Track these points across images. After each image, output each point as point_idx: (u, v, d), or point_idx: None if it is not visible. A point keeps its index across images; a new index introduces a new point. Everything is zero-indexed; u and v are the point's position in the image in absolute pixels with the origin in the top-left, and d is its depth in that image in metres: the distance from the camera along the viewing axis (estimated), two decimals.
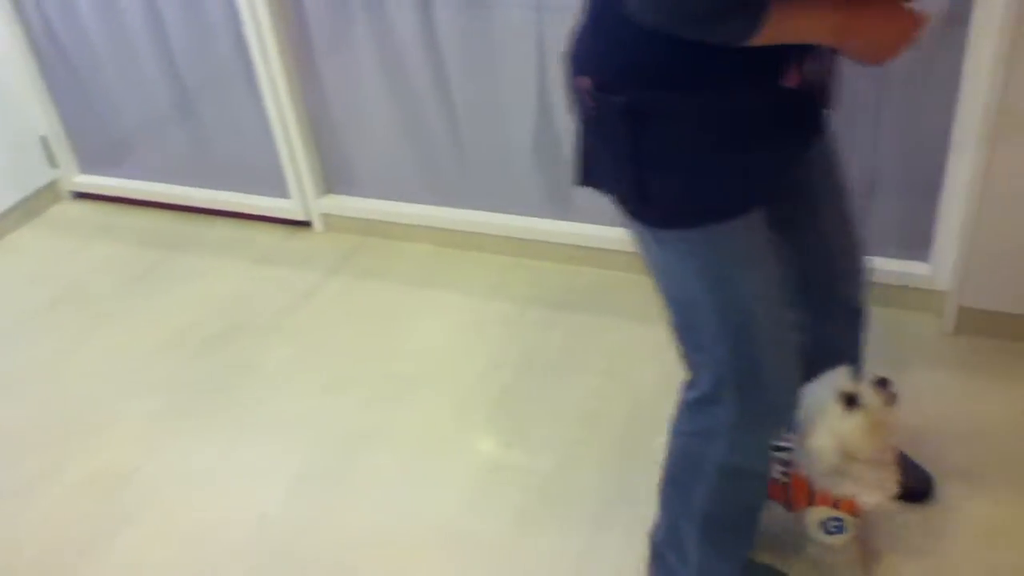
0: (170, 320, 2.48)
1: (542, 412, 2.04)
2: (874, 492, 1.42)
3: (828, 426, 1.37)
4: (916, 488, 1.68)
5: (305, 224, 2.80)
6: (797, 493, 1.49)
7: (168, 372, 2.30)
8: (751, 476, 1.39)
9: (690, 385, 1.34)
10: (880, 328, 2.10)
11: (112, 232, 2.94)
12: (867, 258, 1.48)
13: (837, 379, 1.39)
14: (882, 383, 1.38)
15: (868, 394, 1.37)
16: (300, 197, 2.72)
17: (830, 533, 1.47)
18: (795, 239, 1.35)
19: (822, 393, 1.39)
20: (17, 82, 2.90)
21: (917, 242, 2.12)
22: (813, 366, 1.41)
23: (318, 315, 2.44)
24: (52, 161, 3.06)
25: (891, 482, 1.44)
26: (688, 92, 1.09)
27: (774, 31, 1.00)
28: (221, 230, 2.86)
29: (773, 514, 1.53)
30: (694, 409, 1.34)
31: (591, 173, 1.25)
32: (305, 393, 2.17)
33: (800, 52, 1.11)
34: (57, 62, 2.84)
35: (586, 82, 1.14)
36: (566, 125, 2.28)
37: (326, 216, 2.74)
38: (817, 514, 1.47)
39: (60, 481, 2.01)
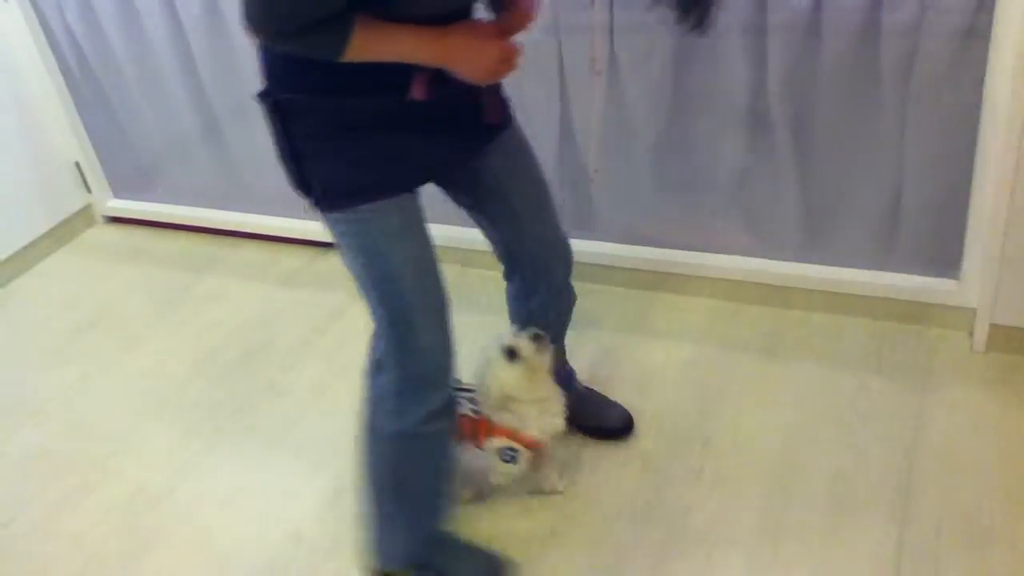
0: (200, 341, 2.51)
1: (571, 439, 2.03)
2: (536, 426, 1.72)
3: (494, 374, 1.68)
4: (614, 426, 1.97)
5: (330, 246, 2.80)
6: (482, 428, 1.73)
7: (199, 393, 2.33)
8: (424, 444, 1.53)
9: (369, 351, 1.51)
10: (910, 346, 2.11)
11: (143, 255, 2.99)
12: (568, 242, 1.71)
13: (503, 336, 1.69)
14: (536, 337, 1.67)
15: (526, 347, 1.66)
16: None
17: (506, 461, 1.73)
18: (491, 224, 1.63)
19: (491, 347, 1.69)
20: (50, 109, 2.97)
21: (946, 259, 2.10)
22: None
23: (345, 335, 2.46)
24: (85, 186, 3.12)
25: (553, 418, 1.75)
26: (320, 95, 1.31)
27: (368, 51, 1.22)
28: (248, 252, 2.90)
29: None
30: (369, 376, 1.52)
31: (285, 171, 1.42)
32: (335, 411, 2.18)
33: (429, 70, 1.30)
34: (89, 89, 2.90)
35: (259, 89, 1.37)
36: (585, 146, 2.30)
37: None
38: (495, 443, 1.72)
39: (92, 502, 2.04)
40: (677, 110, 2.14)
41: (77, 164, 3.07)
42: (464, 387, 1.75)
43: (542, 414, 1.73)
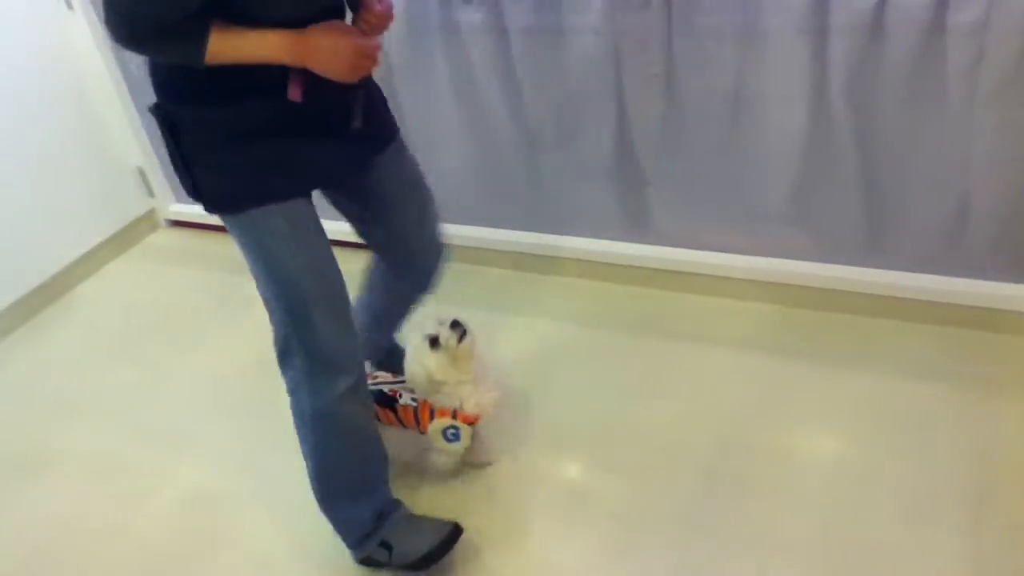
0: (260, 343, 2.50)
1: (623, 441, 2.02)
2: (473, 403, 1.83)
3: (418, 361, 1.80)
4: None
5: None
6: (423, 413, 1.84)
7: (260, 394, 2.34)
8: (340, 422, 1.63)
9: (274, 343, 1.59)
10: (979, 353, 2.05)
11: (204, 259, 3.04)
12: (445, 245, 1.85)
13: (425, 326, 1.81)
14: (455, 325, 1.80)
15: (445, 335, 1.79)
16: None
17: (449, 441, 1.84)
18: (372, 230, 1.77)
19: (415, 337, 1.83)
20: (113, 115, 3.04)
21: (1016, 263, 2.03)
22: (376, 311, 1.93)
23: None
24: (148, 191, 3.19)
25: (488, 393, 1.86)
26: (205, 105, 1.39)
27: (227, 53, 1.29)
28: None
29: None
30: (282, 365, 1.61)
31: (179, 178, 1.49)
32: None
33: (300, 73, 1.38)
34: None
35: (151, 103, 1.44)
36: (642, 150, 2.27)
37: None
38: (438, 425, 1.83)
39: (154, 501, 2.08)
40: (735, 113, 2.11)
41: (140, 169, 3.14)
42: (402, 379, 1.88)
43: (476, 392, 1.84)
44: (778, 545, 1.71)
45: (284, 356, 1.60)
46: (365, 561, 1.78)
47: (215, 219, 1.52)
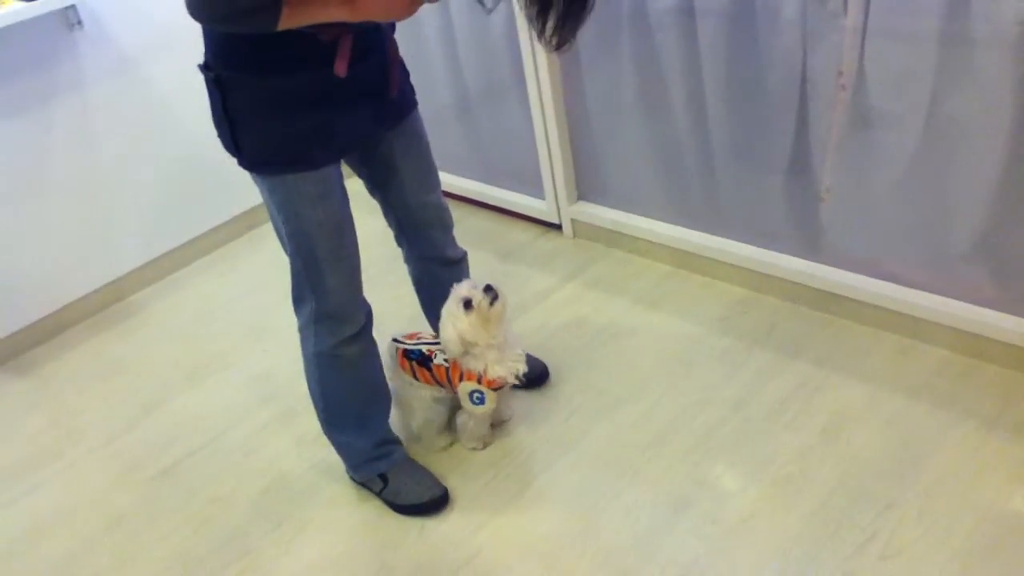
0: (409, 306, 2.61)
1: (741, 461, 1.93)
2: (497, 367, 1.92)
3: (451, 322, 1.88)
4: (536, 376, 2.21)
5: (556, 227, 2.86)
6: (454, 375, 1.96)
7: None
8: (340, 363, 1.81)
9: (292, 288, 1.75)
10: None
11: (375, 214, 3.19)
12: (448, 208, 1.96)
13: (460, 289, 1.90)
14: (488, 289, 1.87)
15: (478, 298, 1.86)
16: (553, 200, 2.78)
17: (475, 404, 1.96)
18: (383, 195, 1.87)
19: (450, 300, 1.90)
20: None
21: None
22: (425, 294, 2.10)
23: (543, 318, 2.49)
24: None
25: (513, 362, 1.94)
26: (255, 74, 1.48)
27: (294, 19, 1.34)
28: (479, 221, 3.02)
29: None
30: (296, 309, 1.78)
31: (220, 136, 1.59)
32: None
33: (350, 48, 1.48)
34: None
35: (202, 61, 1.54)
36: (820, 162, 2.12)
37: (575, 222, 2.78)
38: (465, 387, 1.94)
39: (292, 429, 2.26)
40: (929, 136, 1.91)
41: None
42: (436, 340, 1.99)
43: (502, 357, 1.93)
44: None
45: (297, 302, 1.77)
46: (359, 483, 2.02)
47: None
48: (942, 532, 1.69)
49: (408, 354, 2.01)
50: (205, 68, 1.55)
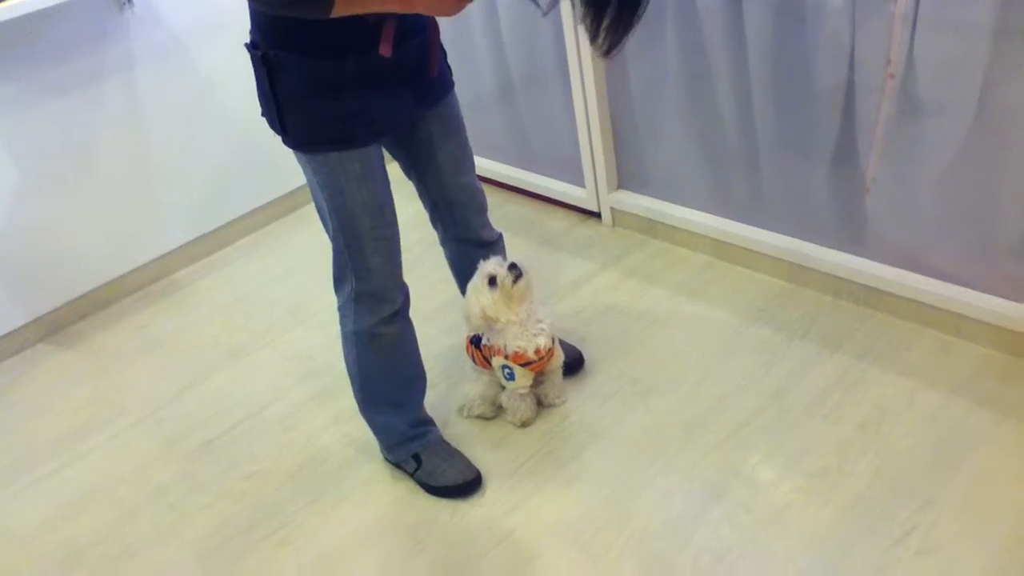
0: (446, 290, 2.60)
1: (777, 452, 1.92)
2: (518, 341, 1.96)
3: (475, 297, 1.94)
4: (571, 363, 2.21)
5: (595, 215, 2.86)
6: (487, 351, 2.02)
7: (439, 342, 2.48)
8: (379, 342, 1.84)
9: (333, 266, 1.78)
10: None
11: (412, 198, 3.21)
12: (482, 191, 1.97)
13: (486, 266, 1.93)
14: (512, 267, 1.90)
15: (502, 275, 1.89)
16: (593, 188, 2.78)
17: (507, 379, 2.01)
18: (419, 176, 1.88)
19: (476, 275, 1.95)
20: None
21: None
22: (461, 276, 2.08)
23: (579, 305, 2.49)
24: None
25: (535, 337, 1.96)
26: (304, 56, 1.51)
27: (348, 7, 1.38)
28: (519, 208, 3.02)
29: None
30: (336, 288, 1.82)
31: (266, 114, 1.63)
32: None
33: (394, 30, 1.50)
34: None
35: (248, 40, 1.57)
36: (866, 152, 2.09)
37: (615, 210, 2.78)
38: (496, 362, 2.01)
39: (331, 406, 2.29)
40: (977, 127, 1.88)
41: None
42: None
43: (523, 332, 1.96)
44: None
45: (338, 281, 1.81)
46: (393, 464, 2.05)
47: None
48: (981, 530, 1.67)
49: (473, 340, 2.06)
50: (252, 47, 1.57)
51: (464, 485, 1.96)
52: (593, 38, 1.27)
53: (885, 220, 2.17)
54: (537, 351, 1.97)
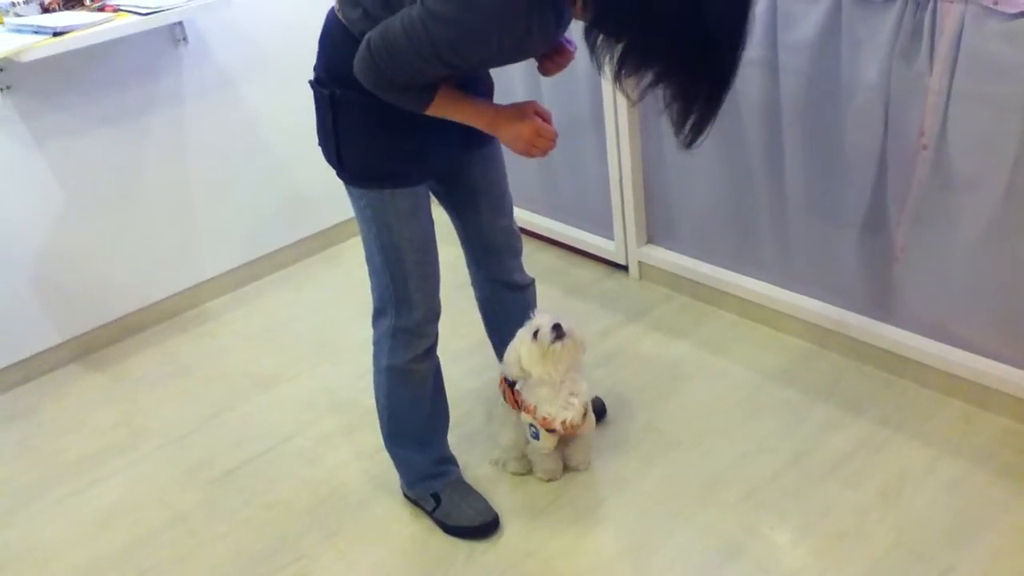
0: (472, 333, 2.61)
1: (795, 513, 1.92)
2: (545, 405, 1.92)
3: (515, 345, 1.92)
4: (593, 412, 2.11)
5: (622, 268, 2.89)
6: (520, 404, 1.98)
7: (465, 383, 2.50)
8: (411, 377, 1.88)
9: (372, 302, 1.84)
10: None
11: (446, 242, 3.25)
12: (519, 233, 2.04)
13: (538, 318, 1.90)
14: (556, 327, 1.86)
15: (544, 331, 1.86)
16: (622, 242, 2.82)
17: (532, 437, 1.99)
18: (457, 215, 1.95)
19: (527, 323, 1.92)
20: None
21: None
22: (489, 317, 2.15)
23: (604, 356, 2.51)
24: None
25: (563, 410, 1.92)
26: (369, 96, 1.55)
27: (440, 112, 1.57)
28: (548, 256, 3.06)
29: None
30: (374, 324, 1.87)
31: (324, 148, 1.71)
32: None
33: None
34: None
35: (313, 76, 1.67)
36: (897, 221, 2.12)
37: (642, 264, 2.81)
38: (524, 419, 1.99)
39: (351, 442, 2.31)
40: (1009, 201, 1.91)
41: None
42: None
43: (555, 399, 1.91)
44: None
45: (378, 314, 1.85)
46: (412, 501, 2.06)
47: None
48: None
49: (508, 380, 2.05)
50: (316, 83, 1.64)
51: (482, 527, 1.96)
52: (679, 131, 1.37)
53: (913, 289, 2.18)
54: (564, 423, 1.94)
